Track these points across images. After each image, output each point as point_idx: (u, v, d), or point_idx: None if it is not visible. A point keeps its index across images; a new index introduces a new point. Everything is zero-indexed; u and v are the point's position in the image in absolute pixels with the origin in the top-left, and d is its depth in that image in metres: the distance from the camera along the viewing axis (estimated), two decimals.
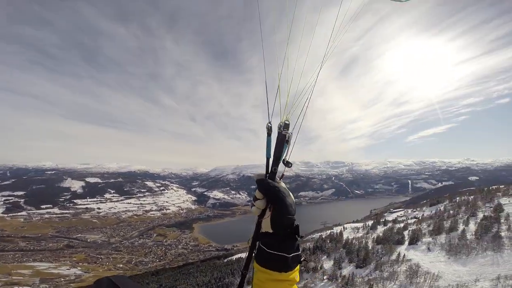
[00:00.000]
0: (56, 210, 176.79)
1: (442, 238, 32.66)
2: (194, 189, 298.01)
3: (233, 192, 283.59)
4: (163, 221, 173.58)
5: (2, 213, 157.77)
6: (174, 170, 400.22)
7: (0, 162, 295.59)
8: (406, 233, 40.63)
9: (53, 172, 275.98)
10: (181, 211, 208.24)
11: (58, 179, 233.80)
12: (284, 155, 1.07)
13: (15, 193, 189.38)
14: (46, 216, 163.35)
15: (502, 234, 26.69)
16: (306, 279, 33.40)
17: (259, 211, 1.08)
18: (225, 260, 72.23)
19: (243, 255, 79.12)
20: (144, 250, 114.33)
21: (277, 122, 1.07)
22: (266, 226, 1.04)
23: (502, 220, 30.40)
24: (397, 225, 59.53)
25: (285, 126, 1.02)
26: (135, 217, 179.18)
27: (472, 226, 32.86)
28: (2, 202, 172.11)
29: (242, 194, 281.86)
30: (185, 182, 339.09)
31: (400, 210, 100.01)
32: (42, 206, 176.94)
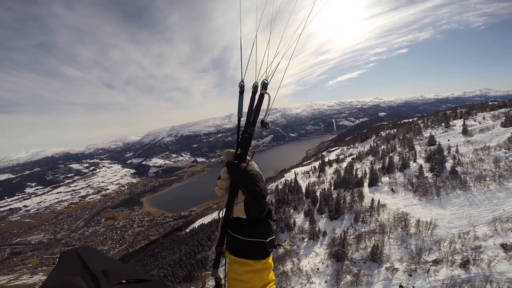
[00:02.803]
0: None
1: (399, 177, 36.28)
2: (129, 161, 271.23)
3: (174, 155, 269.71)
4: (106, 203, 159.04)
5: None
6: (100, 145, 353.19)
7: None
8: (360, 173, 43.98)
9: None
10: (123, 188, 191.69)
11: None
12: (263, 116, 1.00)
13: None
14: None
15: (458, 170, 30.59)
16: (285, 240, 33.38)
17: (221, 191, 1.05)
18: (188, 230, 69.92)
19: (204, 220, 78.24)
20: (99, 238, 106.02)
21: (248, 81, 0.99)
22: (239, 212, 1.01)
23: (445, 153, 35.18)
24: (342, 165, 65.19)
25: (264, 85, 0.95)
26: (73, 206, 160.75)
27: (421, 162, 37.20)
28: None
29: (184, 155, 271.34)
30: (117, 155, 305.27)
31: (336, 149, 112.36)
32: None
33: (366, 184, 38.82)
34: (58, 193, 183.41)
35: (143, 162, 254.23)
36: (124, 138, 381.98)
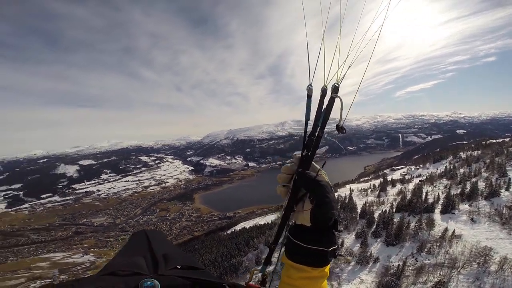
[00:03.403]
0: (57, 198, 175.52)
1: (483, 205, 29.53)
2: (189, 158, 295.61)
3: (228, 157, 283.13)
4: (164, 195, 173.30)
5: (5, 208, 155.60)
6: (167, 141, 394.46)
7: None
8: (430, 198, 37.66)
9: (45, 160, 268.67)
10: (180, 183, 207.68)
11: (51, 166, 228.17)
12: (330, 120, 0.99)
13: (13, 187, 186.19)
14: (49, 205, 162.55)
15: None
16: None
17: (284, 193, 1.03)
18: (229, 232, 70.97)
19: (246, 224, 78.58)
20: (150, 227, 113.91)
21: (316, 84, 0.98)
22: (304, 220, 0.97)
23: None
24: (408, 186, 57.36)
25: (335, 89, 0.92)
26: (136, 194, 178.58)
27: None
28: (2, 198, 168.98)
29: (238, 158, 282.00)
30: (180, 152, 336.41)
31: (402, 167, 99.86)
32: (42, 196, 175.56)
33: (438, 211, 32.57)
34: (126, 181, 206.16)
35: (201, 161, 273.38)
36: (187, 137, 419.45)
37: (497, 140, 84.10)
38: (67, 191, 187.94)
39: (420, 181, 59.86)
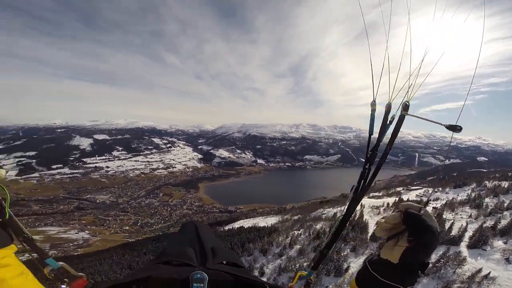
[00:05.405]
0: (66, 170, 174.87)
1: None
2: (200, 146, 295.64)
3: (238, 151, 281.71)
4: (170, 180, 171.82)
5: (16, 175, 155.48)
6: (181, 126, 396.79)
7: (13, 123, 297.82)
8: (456, 227, 33.92)
9: (63, 130, 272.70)
10: (187, 170, 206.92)
11: (67, 137, 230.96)
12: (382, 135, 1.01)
13: (27, 154, 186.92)
14: (58, 176, 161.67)
15: None
16: (327, 286, 27.19)
17: (383, 233, 0.96)
18: (226, 228, 68.49)
19: (245, 223, 75.35)
20: (150, 210, 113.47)
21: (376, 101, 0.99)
22: (391, 256, 0.89)
23: None
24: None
25: (405, 107, 0.92)
26: (142, 175, 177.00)
27: None
28: (15, 164, 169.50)
29: (247, 153, 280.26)
30: (192, 139, 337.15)
31: (418, 188, 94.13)
32: (53, 167, 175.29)
33: (464, 244, 29.08)
34: (136, 161, 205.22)
35: (211, 151, 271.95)
36: (201, 125, 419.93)
37: None
38: (77, 164, 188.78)
39: (434, 207, 55.33)
